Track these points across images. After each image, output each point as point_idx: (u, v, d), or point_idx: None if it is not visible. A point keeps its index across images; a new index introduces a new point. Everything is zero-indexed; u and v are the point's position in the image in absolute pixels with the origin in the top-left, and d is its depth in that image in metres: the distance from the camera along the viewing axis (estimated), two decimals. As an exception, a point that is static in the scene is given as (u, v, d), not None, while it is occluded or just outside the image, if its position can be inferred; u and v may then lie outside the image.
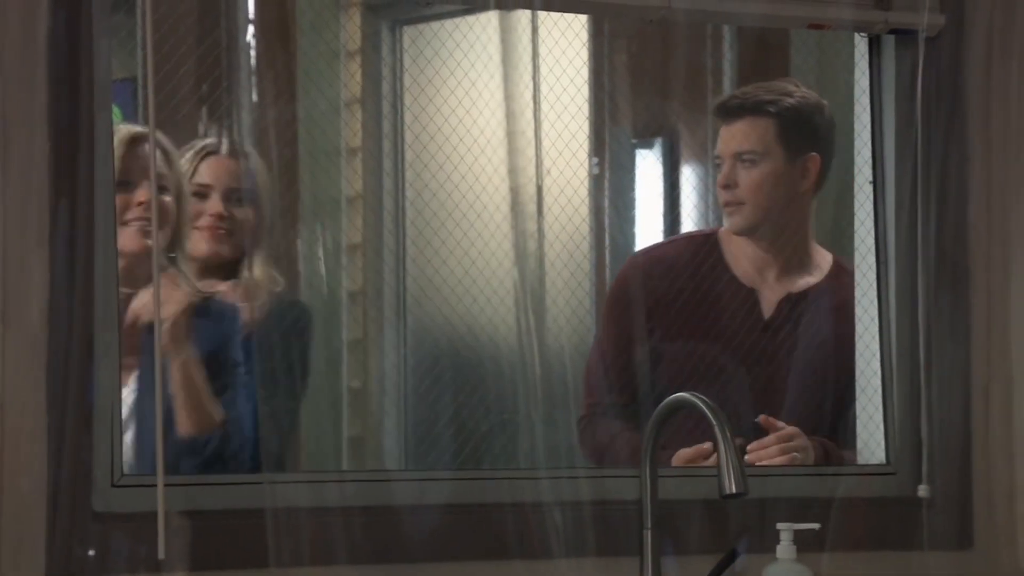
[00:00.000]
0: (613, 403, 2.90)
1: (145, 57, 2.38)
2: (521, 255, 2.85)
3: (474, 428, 3.07)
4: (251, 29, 2.67)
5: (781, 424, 2.87)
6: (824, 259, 3.02)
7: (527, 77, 2.87)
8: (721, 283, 2.93)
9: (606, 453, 2.93)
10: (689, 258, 2.94)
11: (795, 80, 3.02)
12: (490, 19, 2.88)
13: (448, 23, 3.12)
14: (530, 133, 2.83)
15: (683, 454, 2.87)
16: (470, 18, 3.08)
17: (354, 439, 3.13)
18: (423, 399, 3.14)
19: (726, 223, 2.94)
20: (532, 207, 2.85)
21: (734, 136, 2.91)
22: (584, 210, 3.19)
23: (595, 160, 3.28)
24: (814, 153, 2.97)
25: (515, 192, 2.83)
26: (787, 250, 2.96)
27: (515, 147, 2.83)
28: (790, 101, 2.95)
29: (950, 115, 2.96)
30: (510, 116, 2.84)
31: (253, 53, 2.65)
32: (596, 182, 3.29)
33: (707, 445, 2.85)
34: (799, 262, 2.98)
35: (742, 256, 2.96)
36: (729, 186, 2.89)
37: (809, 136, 2.97)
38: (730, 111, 2.92)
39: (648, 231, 3.52)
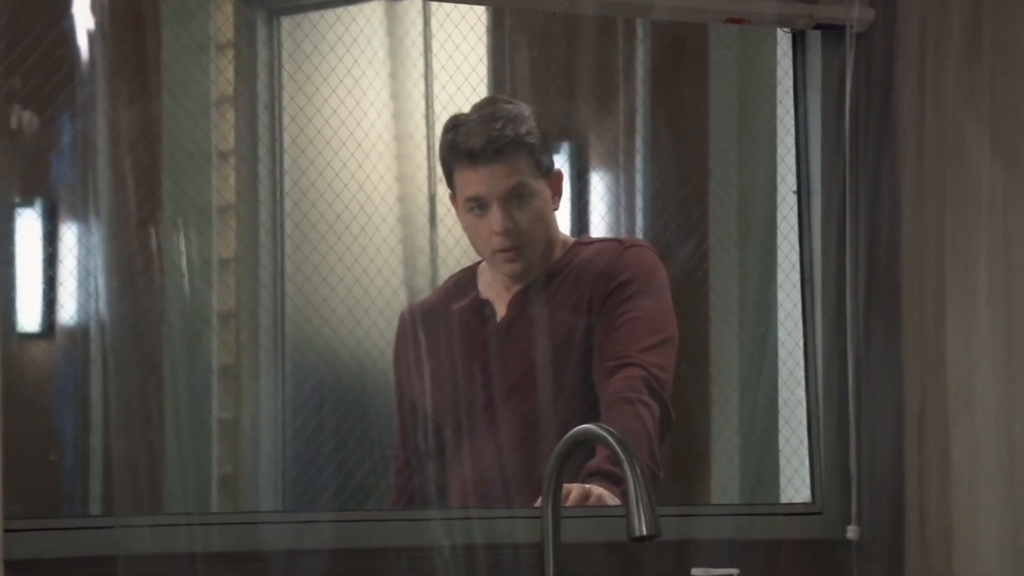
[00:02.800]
0: (408, 463, 2.91)
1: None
2: (411, 272, 2.84)
3: (358, 464, 3.03)
4: (106, 18, 2.59)
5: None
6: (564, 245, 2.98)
7: (417, 75, 2.85)
8: (461, 306, 2.93)
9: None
10: (447, 298, 2.94)
11: (503, 95, 2.99)
12: (375, 9, 2.88)
13: (329, 13, 3.07)
14: (420, 136, 2.81)
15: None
16: (353, 8, 3.04)
17: (224, 477, 3.07)
18: (302, 432, 3.09)
19: (504, 271, 2.90)
20: (423, 218, 2.82)
21: (497, 177, 2.86)
22: None
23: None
24: (559, 169, 2.95)
25: (404, 201, 2.82)
26: (538, 267, 2.94)
27: (404, 151, 2.82)
28: (525, 128, 2.89)
29: (881, 118, 2.96)
30: (398, 117, 2.83)
31: (107, 45, 2.58)
32: None
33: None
34: (546, 267, 2.95)
35: (493, 281, 2.95)
36: (504, 232, 2.86)
37: (551, 151, 2.96)
38: (487, 152, 2.86)
39: None
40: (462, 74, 3.07)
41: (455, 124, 2.88)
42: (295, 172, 3.11)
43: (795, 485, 3.00)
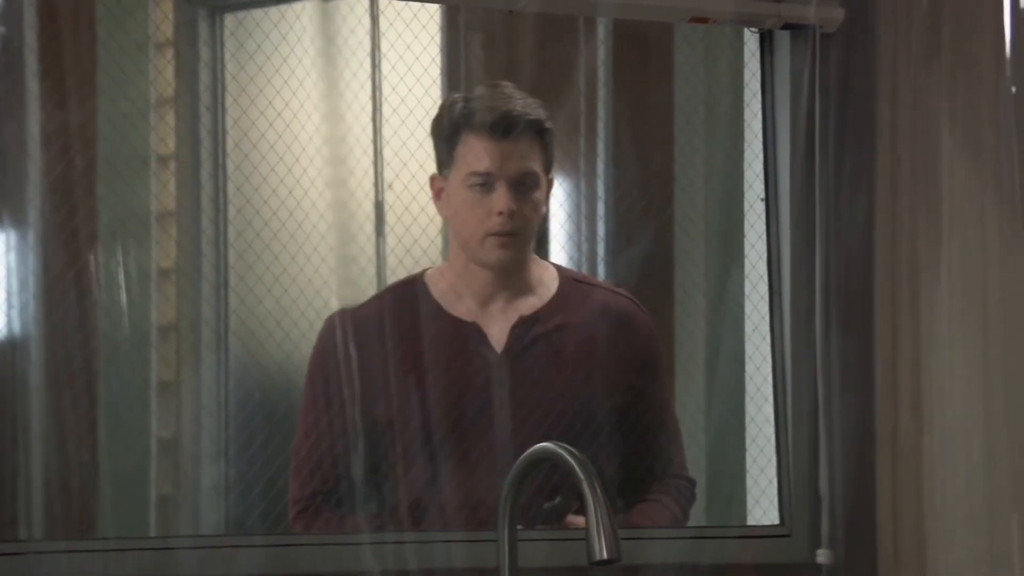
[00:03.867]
0: (335, 489, 2.81)
1: None
2: (357, 283, 2.81)
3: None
4: (36, 15, 2.59)
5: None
6: (547, 273, 2.96)
7: (364, 76, 2.83)
8: (437, 327, 2.86)
9: None
10: (395, 310, 2.86)
11: (510, 83, 2.93)
12: (322, 7, 2.83)
13: (274, 11, 3.04)
14: (367, 141, 2.80)
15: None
16: (299, 5, 3.01)
17: (163, 499, 3.03)
18: (245, 451, 3.03)
19: (493, 257, 2.84)
20: (370, 227, 2.80)
21: (509, 156, 2.82)
22: (434, 230, 3.08)
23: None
24: (551, 176, 2.92)
25: (350, 209, 2.79)
26: (514, 275, 2.90)
27: (351, 156, 2.79)
28: (545, 115, 2.88)
29: (853, 123, 2.95)
30: (345, 120, 2.80)
31: (37, 44, 2.57)
32: None
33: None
34: (522, 282, 2.91)
35: (462, 292, 2.89)
36: (508, 213, 2.82)
37: (552, 152, 2.92)
38: (504, 126, 2.83)
39: None
40: (413, 75, 3.04)
41: (467, 98, 2.83)
42: (238, 177, 3.08)
43: (763, 506, 2.99)
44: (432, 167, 2.92)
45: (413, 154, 3.03)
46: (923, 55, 2.93)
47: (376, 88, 2.87)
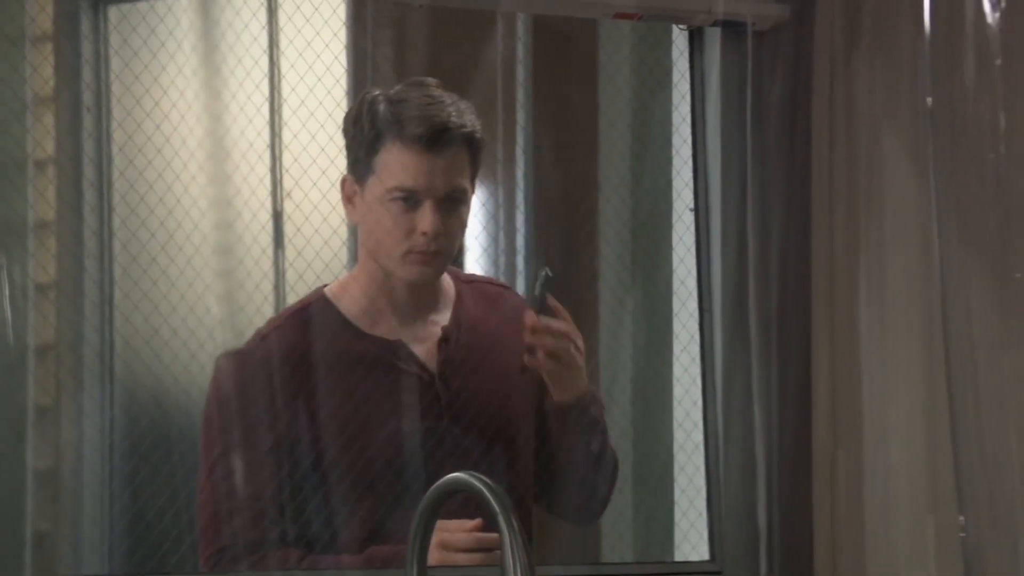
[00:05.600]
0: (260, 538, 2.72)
1: None
2: (252, 298, 2.78)
3: (195, 519, 2.84)
4: None
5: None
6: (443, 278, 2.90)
7: (260, 74, 2.80)
8: (361, 348, 2.78)
9: None
10: (302, 336, 2.76)
11: (435, 80, 2.84)
12: None
13: (160, 3, 3.02)
14: (263, 145, 2.78)
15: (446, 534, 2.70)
16: None
17: (40, 536, 2.98)
18: (130, 483, 3.00)
19: (412, 274, 2.76)
20: (267, 238, 2.78)
21: (438, 171, 2.73)
22: (337, 241, 3.04)
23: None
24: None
25: (245, 220, 2.77)
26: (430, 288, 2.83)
27: (245, 162, 2.76)
28: (478, 123, 2.79)
29: (789, 128, 2.94)
30: (239, 123, 2.78)
31: None
32: None
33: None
34: (434, 293, 2.85)
35: (380, 308, 2.81)
36: (433, 234, 2.73)
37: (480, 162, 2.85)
38: (434, 139, 2.73)
39: None
40: (315, 74, 2.99)
41: (391, 98, 2.72)
42: (122, 185, 3.03)
43: (692, 540, 2.97)
44: (335, 173, 2.86)
45: (315, 160, 3.00)
46: (863, 55, 2.92)
47: (274, 88, 2.84)
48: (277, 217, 2.84)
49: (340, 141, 2.94)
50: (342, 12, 3.04)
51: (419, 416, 2.77)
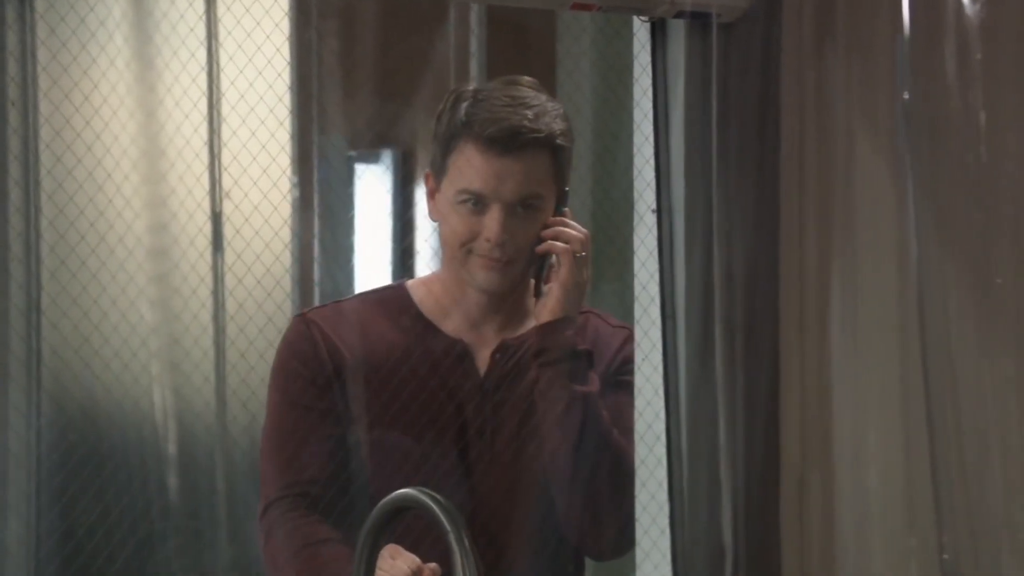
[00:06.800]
0: (303, 492, 2.75)
1: None
2: (189, 303, 2.78)
3: (127, 536, 2.96)
4: None
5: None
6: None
7: (197, 68, 2.76)
8: (427, 341, 2.81)
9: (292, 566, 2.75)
10: (379, 314, 2.81)
11: (531, 79, 2.84)
12: None
13: None
14: (200, 142, 2.74)
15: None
16: None
17: None
18: (58, 500, 2.99)
19: (479, 280, 2.80)
20: (204, 241, 2.75)
21: (508, 176, 2.74)
22: (279, 244, 3.05)
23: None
24: (567, 188, 2.86)
25: (181, 220, 2.75)
26: (506, 299, 2.86)
27: (181, 160, 2.74)
28: (560, 127, 2.81)
29: (758, 125, 2.87)
30: (174, 119, 2.75)
31: None
32: (302, 205, 3.25)
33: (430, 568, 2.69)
34: (515, 306, 2.88)
35: (449, 308, 2.84)
36: (498, 242, 2.76)
37: (566, 168, 2.86)
38: (504, 142, 2.74)
39: (373, 266, 3.49)
40: (255, 67, 2.97)
41: (475, 95, 2.73)
42: (50, 184, 3.01)
43: (653, 560, 2.89)
44: (277, 172, 2.90)
45: (255, 157, 2.98)
46: (837, 47, 2.85)
47: (212, 81, 2.80)
48: (215, 218, 2.82)
49: (282, 138, 3.01)
50: (284, 2, 3.02)
51: (457, 415, 2.80)
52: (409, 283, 2.86)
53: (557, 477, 2.84)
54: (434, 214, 2.81)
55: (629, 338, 2.94)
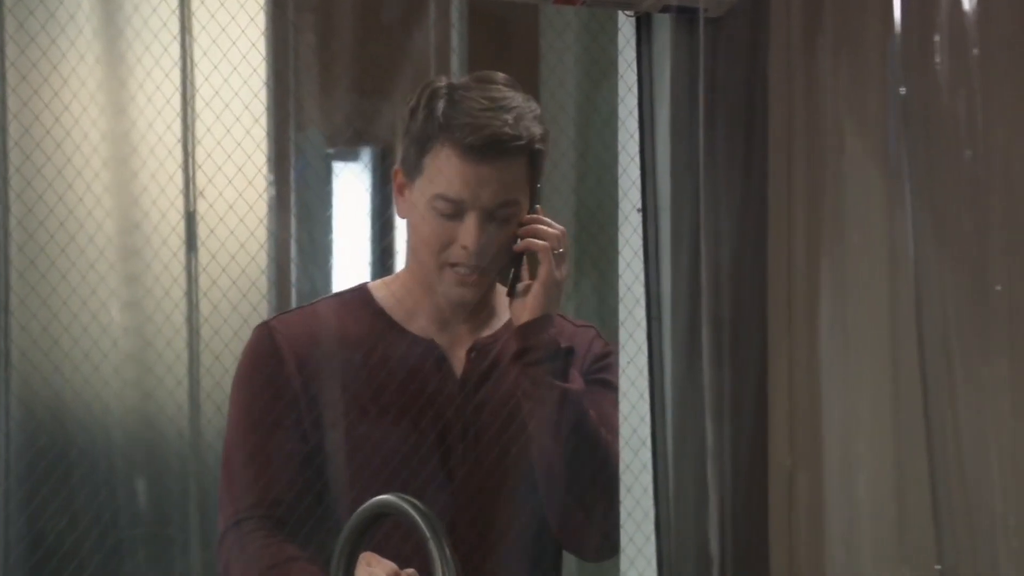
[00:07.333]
0: (267, 513, 2.68)
1: None
2: (161, 305, 2.77)
3: (97, 545, 2.93)
4: None
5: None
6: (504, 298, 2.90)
7: (170, 63, 2.75)
8: (397, 343, 2.76)
9: None
10: (344, 318, 2.74)
11: (505, 76, 2.79)
12: None
13: None
14: (173, 139, 2.73)
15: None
16: None
17: None
18: (26, 506, 2.97)
19: (453, 295, 2.76)
20: (177, 241, 2.74)
21: (487, 183, 2.70)
22: (254, 244, 3.03)
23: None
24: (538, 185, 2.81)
25: (153, 220, 2.75)
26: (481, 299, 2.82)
27: (153, 157, 2.73)
28: (540, 131, 2.76)
29: (745, 122, 2.87)
30: (146, 115, 2.73)
31: None
32: (278, 204, 3.24)
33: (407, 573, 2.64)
34: (484, 307, 2.84)
35: (413, 308, 2.79)
36: (475, 250, 2.71)
37: (540, 172, 2.81)
38: (485, 149, 2.69)
39: (351, 266, 3.47)
40: (230, 63, 2.94)
41: (450, 95, 2.67)
42: (19, 182, 2.99)
43: (639, 567, 2.88)
44: (252, 170, 2.86)
45: (230, 155, 2.95)
46: (827, 41, 2.84)
47: (186, 77, 2.79)
48: (189, 218, 2.80)
49: (258, 135, 3.00)
50: (263, -6, 2.99)
51: (435, 418, 2.76)
52: (370, 285, 2.81)
53: (547, 476, 2.81)
54: (403, 211, 2.76)
55: (596, 336, 2.92)
